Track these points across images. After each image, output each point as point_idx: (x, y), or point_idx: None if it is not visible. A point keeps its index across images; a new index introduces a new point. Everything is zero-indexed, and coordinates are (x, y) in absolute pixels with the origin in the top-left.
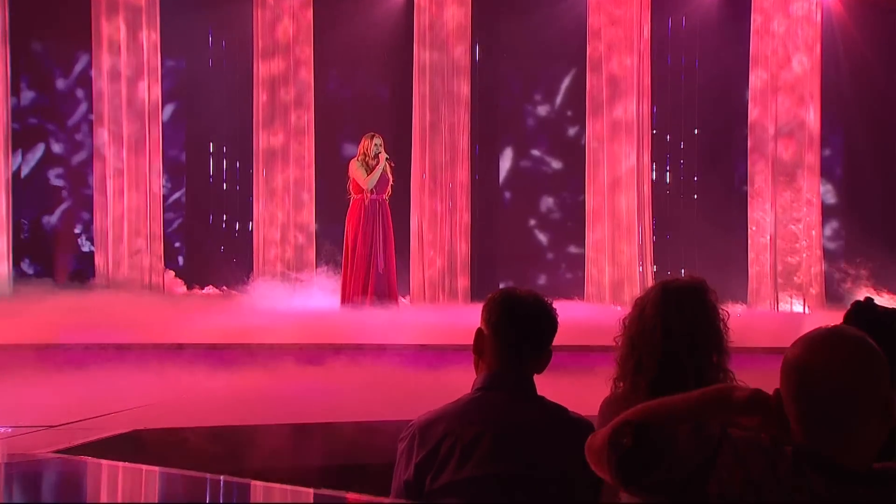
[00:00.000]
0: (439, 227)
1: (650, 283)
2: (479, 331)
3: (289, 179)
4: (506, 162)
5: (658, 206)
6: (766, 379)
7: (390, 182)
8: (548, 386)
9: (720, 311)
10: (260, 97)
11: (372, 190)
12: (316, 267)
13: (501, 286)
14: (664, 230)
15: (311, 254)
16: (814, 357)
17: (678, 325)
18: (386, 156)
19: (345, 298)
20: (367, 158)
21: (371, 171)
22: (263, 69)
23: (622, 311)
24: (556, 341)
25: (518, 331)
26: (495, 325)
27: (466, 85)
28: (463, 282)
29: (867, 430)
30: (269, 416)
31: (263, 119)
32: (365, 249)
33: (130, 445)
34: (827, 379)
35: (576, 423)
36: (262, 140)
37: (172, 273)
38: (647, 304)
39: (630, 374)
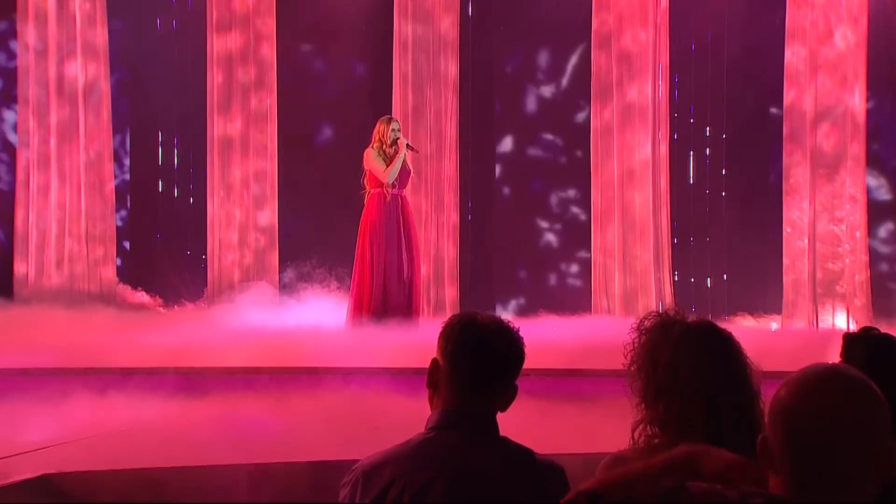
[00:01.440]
0: (423, 227)
1: (668, 293)
2: (433, 361)
3: (248, 173)
4: (502, 153)
5: (678, 203)
6: None
7: (411, 174)
8: (543, 417)
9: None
10: (214, 77)
11: (393, 184)
12: (280, 274)
13: (494, 308)
14: (685, 232)
15: (274, 259)
16: (804, 400)
17: (695, 374)
18: (406, 142)
19: (358, 314)
20: (384, 146)
21: (391, 162)
22: (219, 45)
23: (635, 325)
24: (553, 364)
25: (478, 362)
26: (452, 356)
27: (455, 63)
28: (451, 292)
29: (861, 484)
30: (211, 455)
31: (219, 103)
32: (387, 254)
33: (38, 492)
34: (818, 426)
35: (543, 469)
36: (218, 127)
37: (111, 282)
38: (665, 342)
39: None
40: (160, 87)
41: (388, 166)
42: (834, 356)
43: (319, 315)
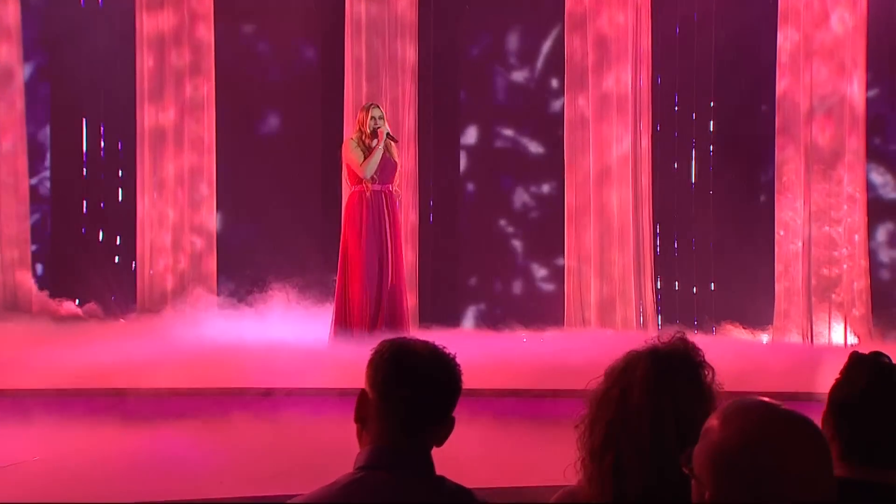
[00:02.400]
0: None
1: (650, 302)
2: (362, 394)
3: (183, 168)
4: (467, 145)
5: (660, 203)
6: None
7: (398, 167)
8: (504, 442)
9: (714, 389)
10: (145, 61)
11: (374, 178)
12: (219, 282)
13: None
14: (669, 235)
15: (212, 264)
16: (732, 435)
17: (670, 413)
18: (387, 131)
19: (343, 326)
20: (364, 136)
21: (369, 154)
22: (149, 25)
23: (611, 337)
24: (519, 384)
25: (411, 394)
26: (382, 387)
27: (413, 47)
28: (409, 301)
29: None
30: (126, 491)
31: (150, 90)
32: (368, 259)
33: None
34: (755, 467)
35: None
36: (148, 117)
37: (28, 290)
38: (636, 382)
39: (608, 476)
40: (84, 72)
41: (365, 159)
42: (829, 374)
43: (262, 328)
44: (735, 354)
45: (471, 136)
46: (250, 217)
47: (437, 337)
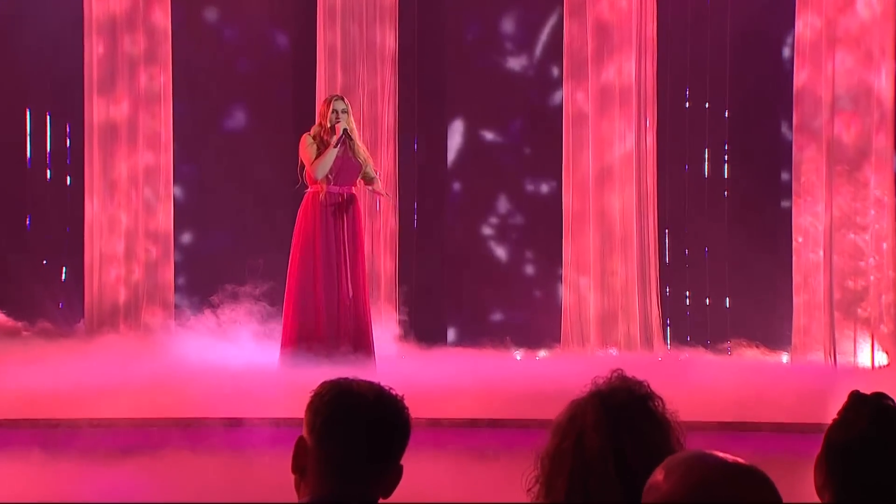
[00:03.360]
0: None
1: (655, 318)
2: (299, 440)
3: (137, 167)
4: (454, 142)
5: (668, 208)
6: (795, 475)
7: (362, 168)
8: (496, 477)
9: (674, 427)
10: (94, 49)
11: (329, 178)
12: (177, 295)
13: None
14: (677, 243)
15: (169, 274)
16: (676, 490)
17: (635, 452)
18: (345, 126)
19: (291, 348)
20: (323, 132)
21: (323, 152)
22: (99, 7)
23: (612, 359)
24: (510, 414)
25: (353, 441)
26: (322, 434)
27: (393, 33)
28: (388, 313)
29: None
30: None
31: (100, 80)
32: (324, 271)
33: None
34: None
35: None
36: (98, 110)
37: None
38: (588, 428)
39: None
40: (27, 59)
41: (317, 157)
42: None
43: (226, 348)
44: (749, 378)
45: (458, 132)
46: (213, 222)
47: (419, 355)
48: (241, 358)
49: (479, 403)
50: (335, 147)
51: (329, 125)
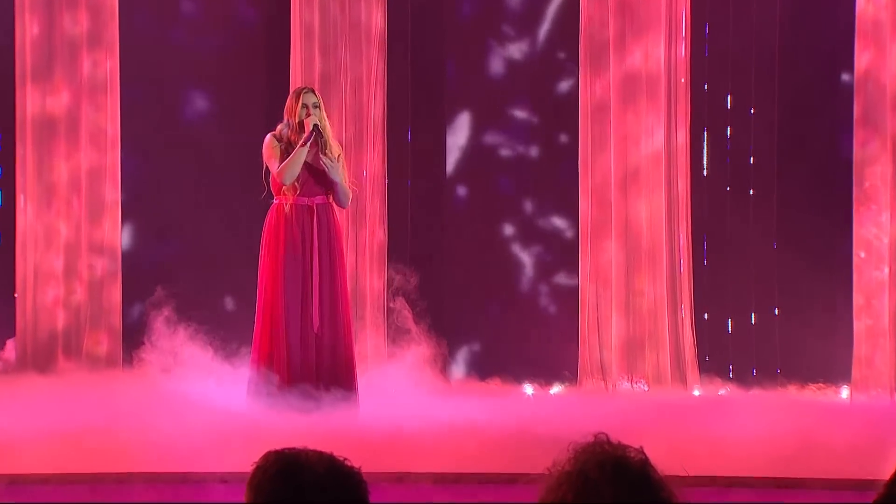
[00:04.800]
0: None
1: (688, 345)
2: None
3: (79, 168)
4: (456, 140)
5: (703, 215)
6: None
7: (337, 170)
8: None
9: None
10: (27, 29)
11: (296, 186)
12: (126, 320)
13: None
14: (715, 256)
15: (117, 294)
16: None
17: None
18: (315, 123)
19: (261, 384)
20: (290, 131)
21: (291, 155)
22: None
23: (637, 396)
24: (518, 468)
25: None
26: None
27: (381, 10)
28: (375, 343)
29: None
30: None
31: (34, 66)
32: (291, 294)
33: None
34: None
35: None
36: (32, 102)
37: None
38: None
39: None
40: None
41: (284, 161)
42: None
43: (182, 383)
44: (800, 419)
45: (461, 127)
46: (169, 231)
47: (411, 392)
48: (200, 396)
49: (476, 451)
50: (304, 146)
51: (297, 122)
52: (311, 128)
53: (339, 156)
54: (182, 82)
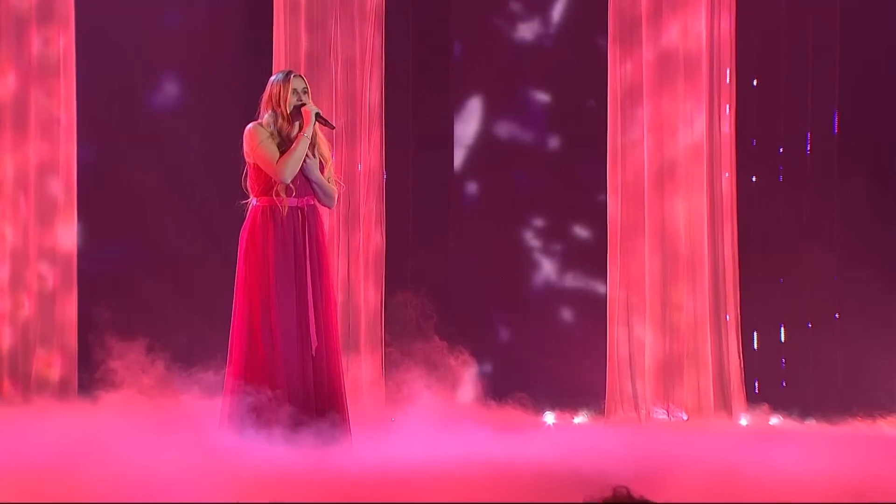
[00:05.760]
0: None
1: (734, 369)
2: None
3: (27, 163)
4: (466, 129)
5: (752, 217)
6: None
7: (326, 166)
8: None
9: None
10: None
11: (291, 187)
12: (81, 339)
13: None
14: (766, 265)
15: (72, 308)
16: None
17: None
18: (316, 110)
19: (236, 416)
20: (280, 121)
21: (291, 146)
22: None
23: (672, 429)
24: None
25: None
26: None
27: None
28: (370, 365)
29: None
30: None
31: None
32: (283, 311)
33: None
34: None
35: None
36: None
37: None
38: None
39: None
40: None
41: (284, 154)
42: None
43: (148, 413)
44: (864, 457)
45: (472, 115)
46: (133, 236)
47: (411, 420)
48: (167, 427)
49: (487, 490)
50: (307, 136)
51: (289, 110)
52: (313, 116)
53: (329, 156)
54: (148, 64)
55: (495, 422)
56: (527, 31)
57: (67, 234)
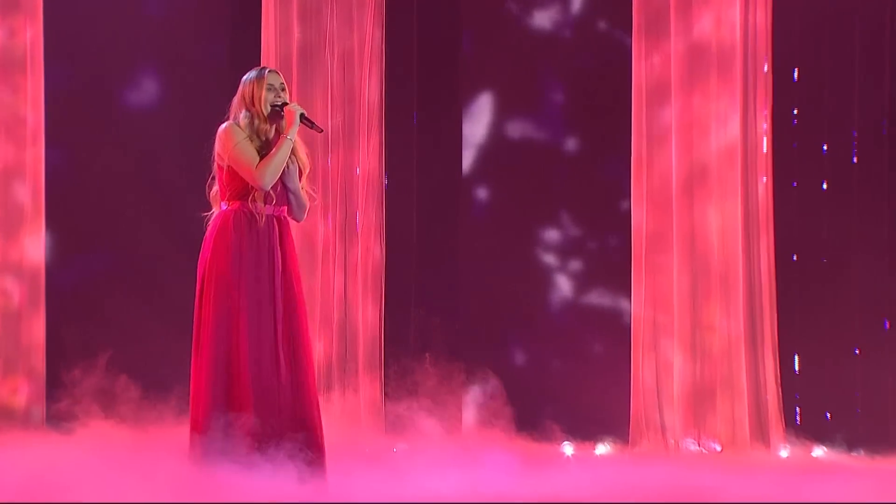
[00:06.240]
0: (320, 270)
1: (772, 399)
2: None
3: None
4: (475, 130)
5: (792, 226)
6: None
7: (304, 174)
8: None
9: None
10: None
11: (271, 194)
12: (49, 364)
13: None
14: (807, 279)
15: (39, 329)
16: None
17: None
18: (300, 111)
19: (203, 445)
20: (258, 121)
21: (273, 148)
22: None
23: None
24: None
25: None
26: None
27: None
28: (368, 391)
29: None
30: None
31: None
32: (257, 331)
33: None
34: None
35: None
36: None
37: None
38: None
39: None
40: None
41: (264, 157)
42: None
43: (118, 445)
44: None
45: (481, 114)
46: (106, 247)
47: (412, 452)
48: (141, 461)
49: None
50: (291, 138)
51: (266, 109)
52: (297, 116)
53: (306, 162)
54: (124, 58)
55: (508, 453)
56: (544, 19)
57: (35, 246)
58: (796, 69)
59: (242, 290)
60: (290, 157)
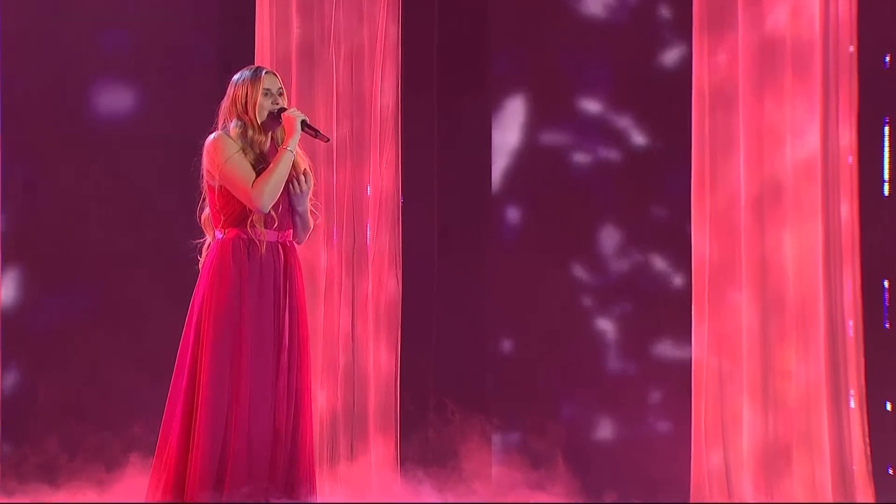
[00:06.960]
0: (323, 305)
1: (859, 452)
2: None
3: None
4: (505, 140)
5: (881, 253)
6: None
7: (307, 197)
8: None
9: None
10: None
11: (273, 216)
12: (4, 422)
13: None
14: None
15: None
16: None
17: None
18: (302, 118)
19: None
20: (251, 131)
21: (272, 164)
22: None
23: None
24: None
25: None
26: None
27: None
28: (383, 445)
29: None
30: None
31: None
32: (256, 375)
33: None
34: None
35: None
36: None
37: None
38: None
39: None
40: None
41: (262, 174)
42: None
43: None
44: None
45: (512, 120)
46: (75, 283)
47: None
48: None
49: None
50: (291, 151)
51: (259, 119)
52: (298, 124)
53: (304, 170)
54: (93, 63)
55: None
56: (587, 11)
57: None
58: (887, 68)
59: (243, 332)
60: (303, 175)
